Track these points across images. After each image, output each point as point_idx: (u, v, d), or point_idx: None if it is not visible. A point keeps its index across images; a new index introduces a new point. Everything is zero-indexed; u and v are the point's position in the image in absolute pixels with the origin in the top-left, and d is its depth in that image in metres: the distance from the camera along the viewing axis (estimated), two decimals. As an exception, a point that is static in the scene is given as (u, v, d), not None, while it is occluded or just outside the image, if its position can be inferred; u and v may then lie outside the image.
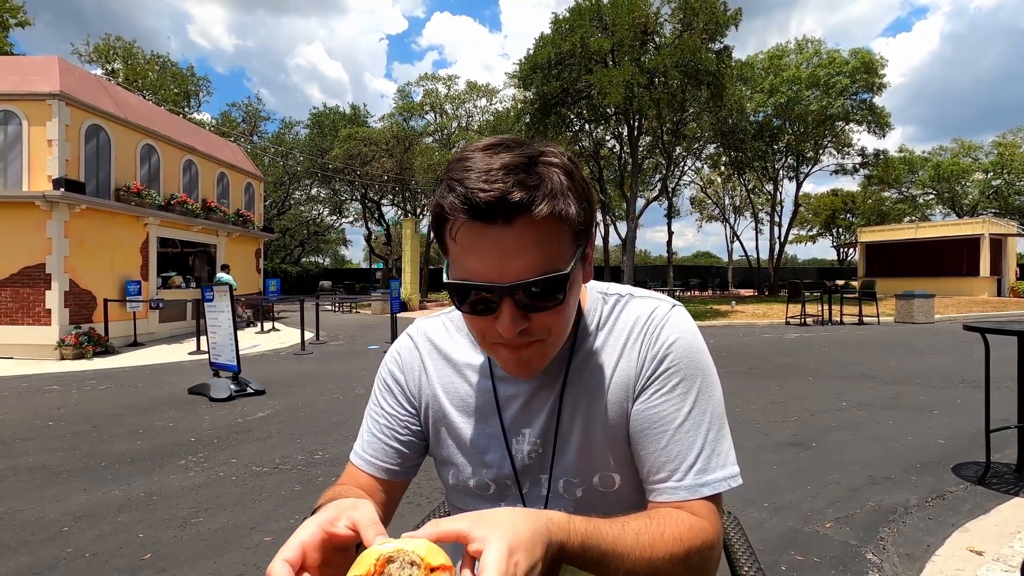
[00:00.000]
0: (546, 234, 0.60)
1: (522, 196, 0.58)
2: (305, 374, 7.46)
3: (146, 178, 11.70)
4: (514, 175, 0.58)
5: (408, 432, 0.83)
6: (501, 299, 0.61)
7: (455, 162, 0.62)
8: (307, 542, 0.53)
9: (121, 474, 3.58)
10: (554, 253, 0.62)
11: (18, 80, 9.59)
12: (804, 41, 27.25)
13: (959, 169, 35.32)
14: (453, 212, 0.59)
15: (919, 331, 11.55)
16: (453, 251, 0.63)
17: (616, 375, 0.74)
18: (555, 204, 0.60)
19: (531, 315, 0.63)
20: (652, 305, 0.77)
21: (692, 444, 0.69)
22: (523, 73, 20.09)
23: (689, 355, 0.73)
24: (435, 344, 0.84)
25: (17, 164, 9.39)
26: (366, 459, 0.83)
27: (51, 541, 2.66)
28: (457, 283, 0.63)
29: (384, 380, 0.86)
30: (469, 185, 0.58)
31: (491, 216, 0.58)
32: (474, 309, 0.64)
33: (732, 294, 28.81)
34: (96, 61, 29.47)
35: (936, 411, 4.85)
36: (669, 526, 0.64)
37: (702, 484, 0.69)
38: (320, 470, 3.61)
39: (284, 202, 36.15)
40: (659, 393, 0.72)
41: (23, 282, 9.34)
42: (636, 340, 0.75)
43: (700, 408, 0.71)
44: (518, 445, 0.77)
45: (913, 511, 2.84)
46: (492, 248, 0.60)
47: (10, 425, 4.91)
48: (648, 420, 0.71)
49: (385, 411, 0.84)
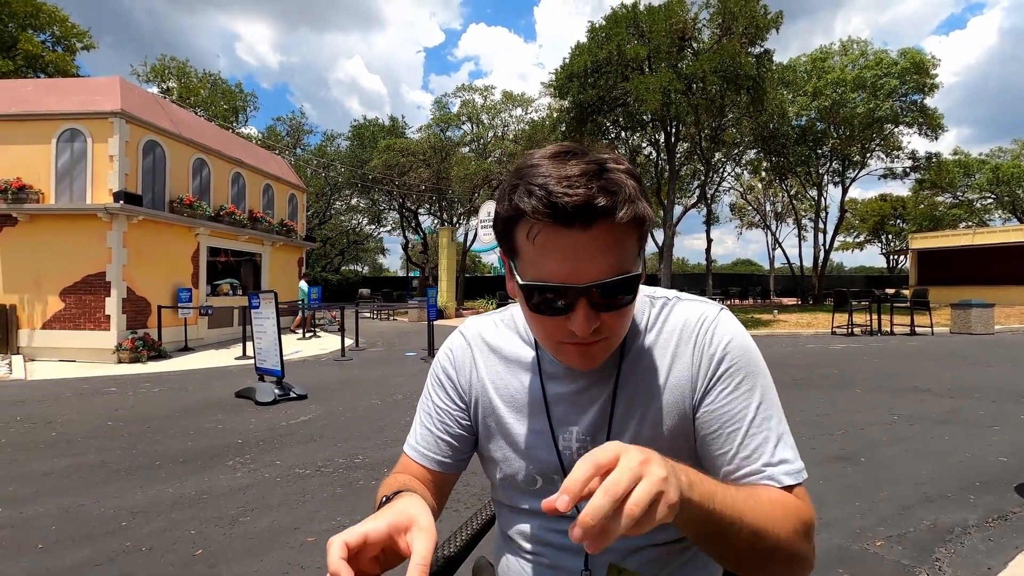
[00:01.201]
0: (621, 237, 0.64)
1: (606, 201, 0.61)
2: (345, 380, 7.64)
3: (197, 190, 12.26)
4: (595, 181, 0.61)
5: (458, 426, 0.87)
6: (577, 300, 0.64)
7: (526, 168, 0.65)
8: (371, 536, 0.57)
9: (174, 473, 3.74)
10: (626, 255, 0.65)
11: (84, 100, 10.22)
12: (849, 42, 26.42)
13: (1020, 171, 33.39)
14: (536, 214, 0.61)
15: (977, 342, 10.95)
16: (528, 253, 0.65)
17: (671, 377, 0.76)
18: (634, 208, 0.63)
19: (601, 315, 0.66)
20: (700, 308, 0.79)
21: (767, 438, 0.71)
22: (559, 82, 20.14)
23: (746, 353, 0.75)
24: (487, 341, 0.87)
25: (82, 179, 9.99)
26: (419, 451, 0.87)
27: (111, 535, 2.81)
28: (534, 284, 0.65)
29: (437, 376, 0.90)
30: (552, 189, 0.60)
31: (573, 220, 0.61)
32: (547, 310, 0.66)
33: (774, 303, 27.98)
34: (153, 80, 31.13)
35: (997, 427, 4.59)
36: (778, 495, 0.67)
37: (786, 473, 0.70)
38: (360, 473, 3.69)
39: (325, 212, 37.17)
40: (725, 392, 0.73)
41: (85, 289, 9.90)
42: (688, 342, 0.77)
43: (767, 403, 0.73)
44: (565, 442, 0.79)
45: (972, 531, 2.70)
46: (571, 250, 0.62)
47: (73, 425, 5.20)
48: (719, 419, 0.73)
49: (437, 406, 0.88)
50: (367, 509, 3.08)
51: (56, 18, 26.05)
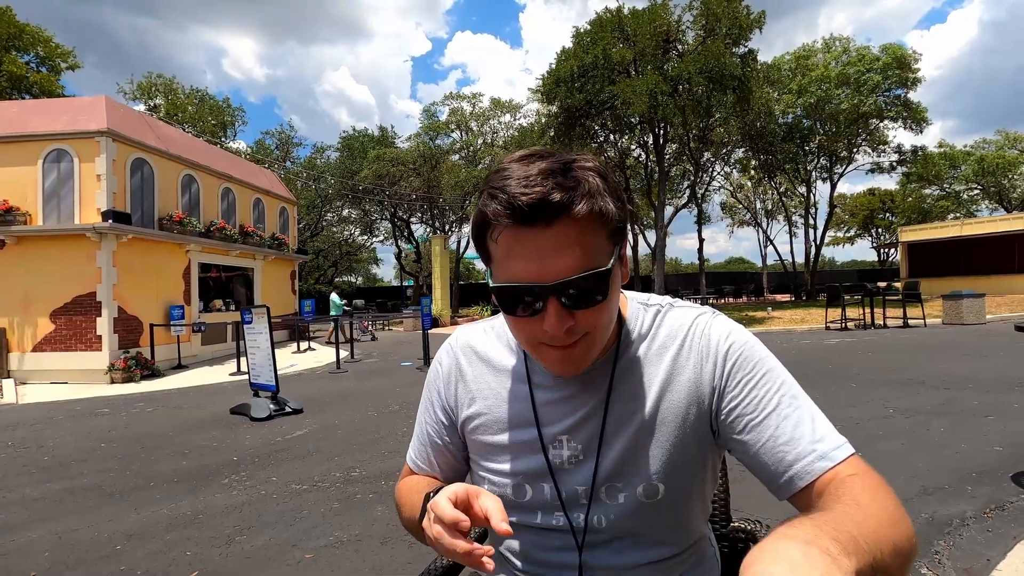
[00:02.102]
0: (586, 233, 0.63)
1: (562, 196, 0.61)
2: (341, 392, 7.60)
3: (187, 206, 12.21)
4: (552, 179, 0.62)
5: (448, 442, 0.88)
6: (546, 299, 0.64)
7: (493, 174, 0.66)
8: (459, 495, 0.63)
9: (169, 493, 3.70)
10: (594, 251, 0.64)
11: (69, 120, 10.17)
12: (831, 40, 26.71)
13: (1005, 162, 33.73)
14: (496, 217, 0.63)
15: (970, 333, 11.02)
16: (496, 256, 0.66)
17: (671, 387, 0.75)
18: (593, 203, 0.63)
19: (575, 313, 0.65)
20: (693, 313, 0.79)
21: (802, 417, 0.69)
22: (546, 87, 20.22)
23: (749, 344, 0.75)
24: (475, 350, 0.86)
25: (70, 199, 9.93)
26: (415, 464, 0.91)
27: (105, 559, 2.77)
28: (502, 286, 0.66)
29: (428, 390, 0.91)
30: (510, 191, 0.61)
31: (532, 218, 0.61)
32: (520, 311, 0.66)
33: (768, 300, 28.11)
34: (139, 98, 31.00)
35: (991, 417, 4.61)
36: (860, 489, 0.59)
37: (835, 448, 0.66)
38: (358, 487, 3.66)
39: (317, 224, 37.08)
40: (742, 384, 0.72)
41: (76, 310, 9.82)
42: (687, 348, 0.76)
43: (788, 384, 0.72)
44: (556, 451, 0.77)
45: (970, 523, 2.71)
46: (534, 249, 0.62)
47: (66, 447, 5.14)
48: (746, 412, 0.70)
49: (427, 421, 0.90)
50: (365, 523, 3.06)
51: (39, 39, 25.94)
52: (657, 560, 0.75)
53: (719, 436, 0.74)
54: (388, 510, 3.24)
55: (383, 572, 2.53)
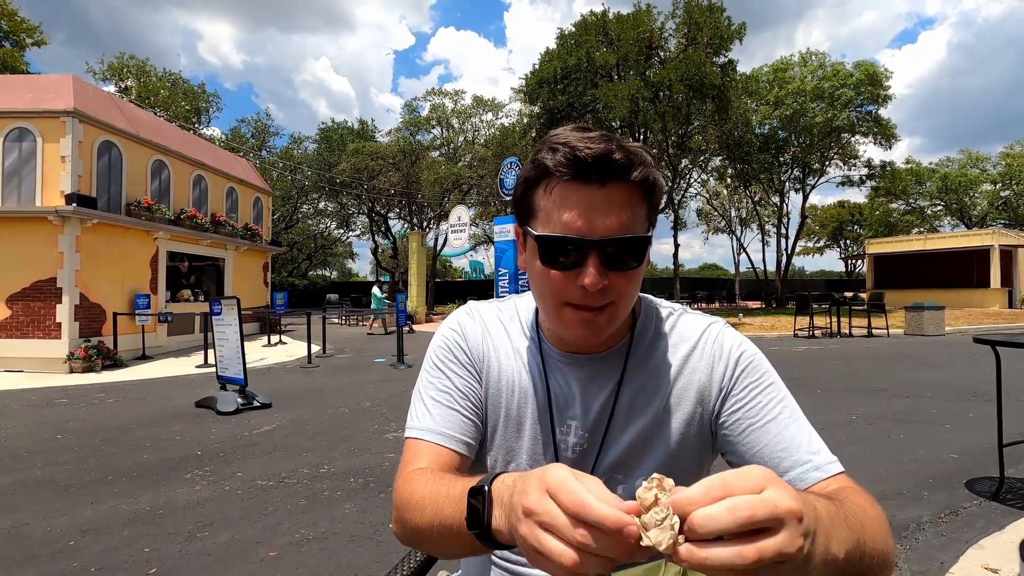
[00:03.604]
0: (634, 199, 0.67)
1: (622, 157, 0.64)
2: (311, 387, 7.47)
3: (156, 193, 11.85)
4: (613, 143, 0.65)
5: (476, 400, 0.80)
6: (588, 252, 0.66)
7: (550, 137, 0.69)
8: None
9: (128, 488, 3.58)
10: (638, 217, 0.67)
11: (33, 98, 9.77)
12: (808, 54, 27.39)
13: (967, 180, 35.11)
14: (556, 168, 0.65)
15: (930, 343, 11.42)
16: (544, 208, 0.68)
17: (680, 384, 0.77)
18: (648, 172, 0.66)
19: (610, 273, 0.67)
20: (707, 320, 0.82)
21: (800, 429, 0.73)
22: (529, 88, 20.26)
23: (759, 356, 0.80)
24: (492, 318, 0.86)
25: (31, 180, 9.54)
26: (444, 433, 0.75)
27: (58, 555, 2.66)
28: (548, 236, 0.67)
29: (448, 348, 0.82)
30: (575, 144, 0.64)
31: (590, 174, 0.64)
32: (560, 262, 0.67)
33: (739, 306, 28.65)
34: (110, 79, 29.99)
35: (948, 425, 4.78)
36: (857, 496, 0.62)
37: (829, 462, 0.70)
38: (326, 484, 3.60)
39: (292, 216, 36.41)
40: (747, 390, 0.75)
41: (34, 296, 9.44)
42: (700, 350, 0.78)
43: (789, 398, 0.76)
44: (563, 435, 0.78)
45: (926, 527, 2.80)
46: (586, 204, 0.65)
47: (18, 439, 4.93)
48: (748, 416, 0.73)
49: (451, 380, 0.79)
50: (333, 521, 3.02)
51: (3, 11, 24.89)
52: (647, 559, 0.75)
53: (716, 438, 0.77)
54: (357, 508, 3.19)
55: (349, 570, 2.49)
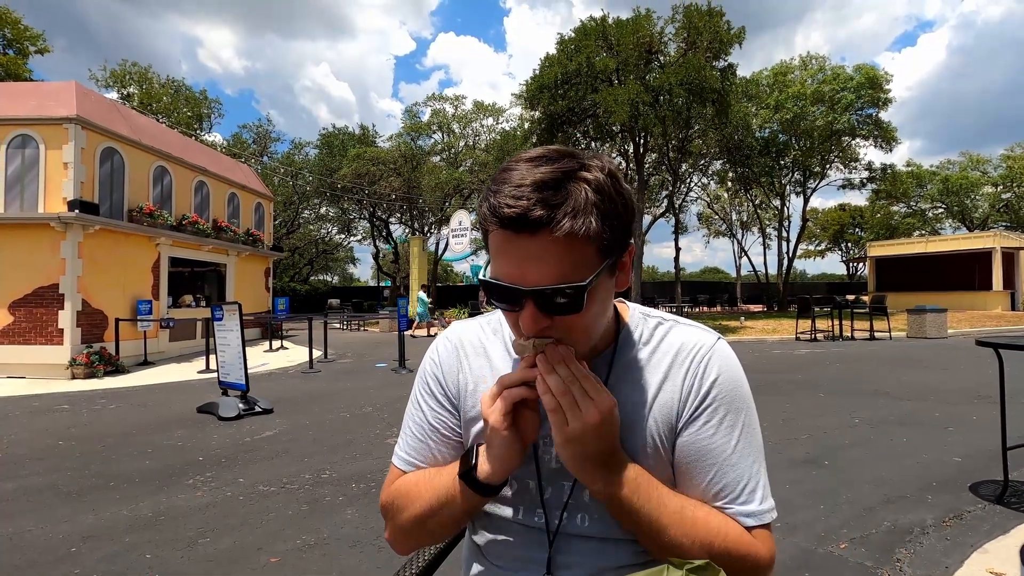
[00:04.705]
0: (567, 248, 0.64)
1: (542, 214, 0.62)
2: (313, 392, 7.47)
3: (158, 199, 11.88)
4: (540, 192, 0.62)
5: (451, 432, 0.84)
6: (524, 300, 0.67)
7: (501, 171, 0.68)
8: None
9: (129, 494, 3.58)
10: (574, 265, 0.65)
11: (36, 105, 9.82)
12: (808, 58, 27.41)
13: (968, 183, 35.07)
14: (485, 221, 0.67)
15: (932, 346, 11.39)
16: (492, 249, 0.70)
17: (659, 397, 0.76)
18: (574, 222, 0.63)
19: (555, 317, 0.68)
20: (697, 335, 0.80)
21: (740, 476, 0.73)
22: (530, 93, 20.29)
23: (735, 389, 0.76)
24: (472, 342, 0.87)
25: (34, 186, 9.57)
26: (409, 461, 0.85)
27: (59, 562, 2.66)
28: (488, 281, 0.69)
29: (425, 381, 0.88)
30: (499, 199, 0.64)
31: (518, 227, 0.63)
32: (504, 306, 0.71)
33: (741, 310, 28.62)
34: (112, 86, 30.12)
35: (951, 428, 4.77)
36: (718, 519, 0.71)
37: (748, 515, 0.72)
38: (327, 489, 3.59)
39: (293, 221, 36.49)
40: (708, 425, 0.74)
41: (36, 302, 9.46)
42: (681, 366, 0.77)
43: (746, 440, 0.74)
44: (545, 447, 0.78)
45: (930, 531, 2.78)
46: (517, 254, 0.65)
47: (21, 445, 4.94)
48: (698, 452, 0.74)
49: (424, 413, 0.85)
50: (334, 526, 3.01)
51: (7, 20, 25.04)
52: (628, 565, 0.75)
53: (674, 454, 0.76)
54: (358, 513, 3.19)
55: (351, 577, 2.48)
